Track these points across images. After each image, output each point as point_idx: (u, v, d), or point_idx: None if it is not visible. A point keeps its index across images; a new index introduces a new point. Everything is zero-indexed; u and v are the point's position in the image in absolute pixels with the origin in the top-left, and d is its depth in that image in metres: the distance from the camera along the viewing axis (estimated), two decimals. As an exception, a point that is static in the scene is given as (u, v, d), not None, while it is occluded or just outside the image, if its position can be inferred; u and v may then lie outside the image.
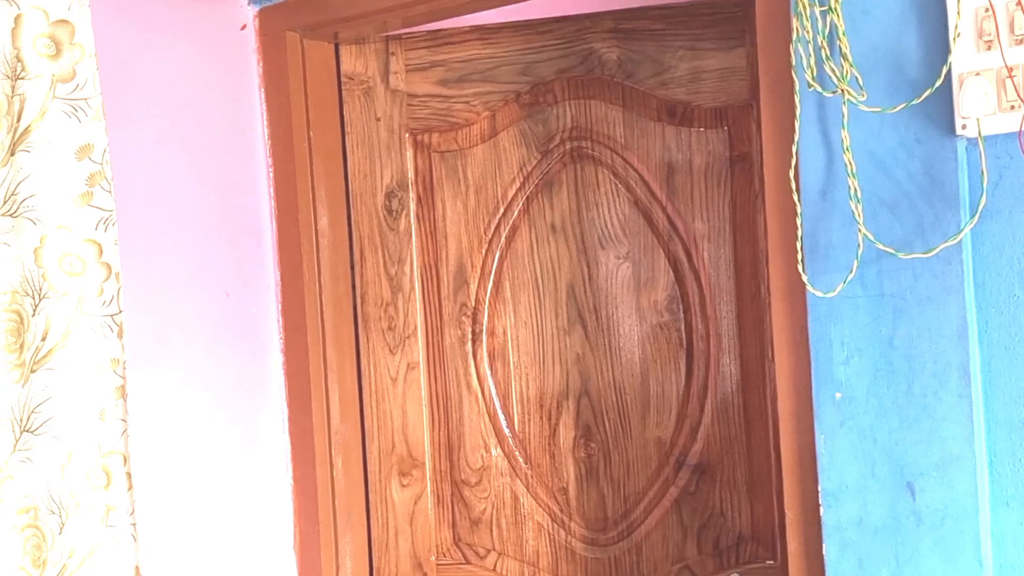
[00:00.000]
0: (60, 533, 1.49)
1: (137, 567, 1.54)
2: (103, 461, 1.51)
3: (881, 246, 1.36)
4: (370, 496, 2.04)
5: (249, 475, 1.91)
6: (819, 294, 1.41)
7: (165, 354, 1.74)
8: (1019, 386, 1.35)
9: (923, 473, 1.38)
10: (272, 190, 1.98)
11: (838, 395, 1.44)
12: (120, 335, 1.52)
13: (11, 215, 1.46)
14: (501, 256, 2.00)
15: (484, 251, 2.00)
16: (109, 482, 1.52)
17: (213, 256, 1.87)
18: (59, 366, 1.48)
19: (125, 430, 1.53)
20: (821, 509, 1.45)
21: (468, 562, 2.02)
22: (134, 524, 1.54)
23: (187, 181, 1.83)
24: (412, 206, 2.03)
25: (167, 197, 1.79)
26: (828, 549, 1.44)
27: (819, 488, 1.46)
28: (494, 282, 2.00)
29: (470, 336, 2.02)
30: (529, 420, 1.99)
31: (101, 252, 1.50)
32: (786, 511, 1.52)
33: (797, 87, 1.41)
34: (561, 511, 1.97)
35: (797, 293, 1.48)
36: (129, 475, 1.54)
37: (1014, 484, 1.36)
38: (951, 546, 1.37)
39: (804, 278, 1.41)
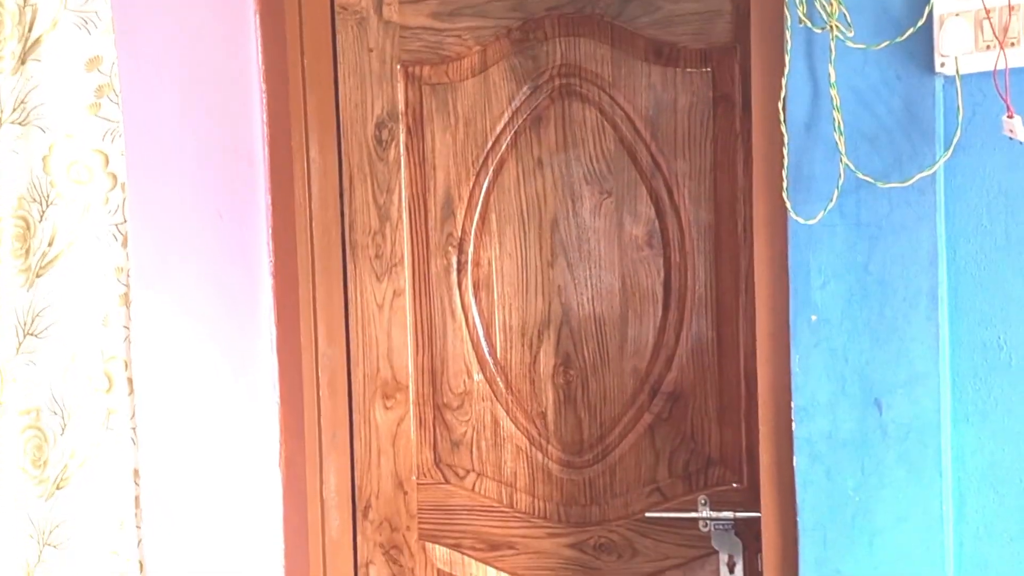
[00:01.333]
0: (62, 434, 1.52)
1: (136, 470, 1.58)
2: (105, 366, 1.55)
3: (861, 175, 1.45)
4: (354, 418, 2.10)
5: (237, 394, 1.96)
6: (801, 221, 1.49)
7: (159, 272, 1.77)
8: (983, 310, 1.46)
9: (890, 390, 1.48)
10: (265, 116, 2.01)
11: (814, 317, 1.53)
12: (124, 244, 1.55)
13: (20, 123, 1.48)
14: (488, 189, 2.05)
15: (471, 183, 2.05)
16: (111, 386, 1.56)
17: (207, 177, 1.90)
18: (64, 272, 1.51)
19: (127, 336, 1.57)
20: (793, 424, 1.55)
21: (448, 482, 2.09)
22: (134, 428, 1.58)
23: (182, 102, 1.85)
24: (402, 137, 2.07)
25: (163, 116, 1.81)
26: (798, 461, 1.54)
27: (792, 405, 1.55)
28: (480, 214, 2.06)
29: (455, 266, 2.07)
30: (511, 348, 2.06)
31: (107, 162, 1.53)
32: (760, 426, 1.61)
33: (788, 23, 1.48)
34: (539, 435, 2.05)
35: (779, 222, 1.57)
36: (130, 380, 1.58)
37: (974, 401, 1.47)
38: (914, 458, 1.47)
39: (788, 205, 1.49)
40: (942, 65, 1.41)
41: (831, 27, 1.44)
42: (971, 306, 1.46)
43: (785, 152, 1.49)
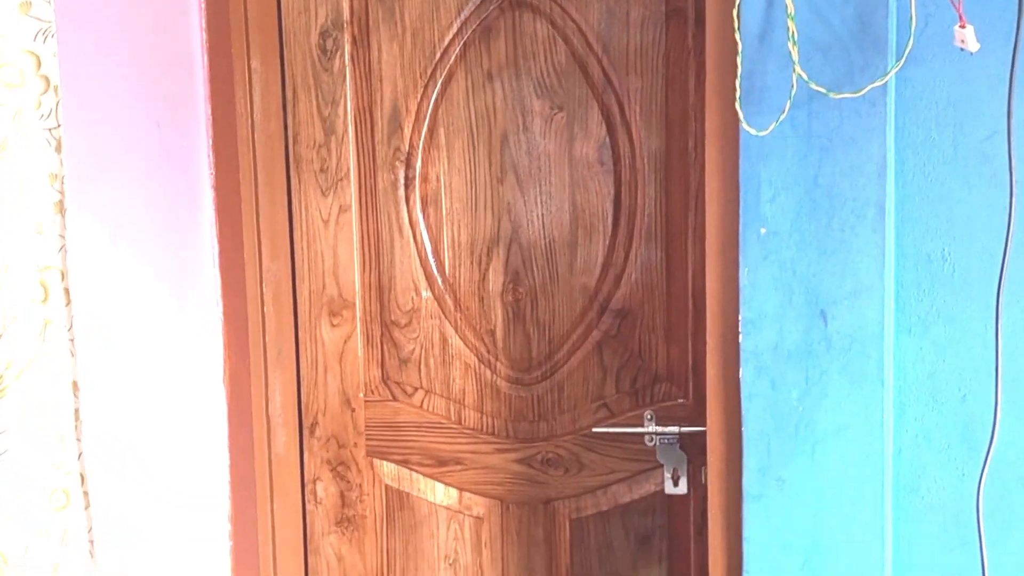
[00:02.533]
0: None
1: (75, 382, 1.55)
2: (40, 275, 1.51)
3: (814, 86, 1.44)
4: (300, 335, 2.07)
5: (178, 308, 1.91)
6: (753, 132, 1.48)
7: (95, 180, 1.70)
8: (928, 222, 1.47)
9: (836, 302, 1.50)
10: (204, 23, 1.93)
11: (763, 230, 1.53)
12: (58, 149, 1.50)
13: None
14: (436, 102, 2.01)
15: (419, 96, 2.01)
16: (46, 296, 1.51)
17: (144, 85, 1.82)
18: (-7, 177, 1.45)
19: (63, 246, 1.53)
20: (740, 336, 1.56)
21: (396, 399, 2.09)
22: (72, 340, 1.55)
23: (119, 4, 1.77)
24: (347, 47, 2.01)
25: (98, 19, 1.73)
26: (744, 373, 1.56)
27: (739, 318, 1.56)
28: (428, 128, 2.02)
29: (403, 181, 2.04)
30: (460, 265, 2.04)
31: (40, 64, 1.47)
32: (708, 340, 1.62)
33: (744, -71, 1.46)
34: (488, 352, 2.05)
35: (730, 134, 1.56)
36: (67, 291, 1.53)
37: (917, 313, 1.49)
38: (857, 368, 1.50)
39: (740, 116, 1.48)
40: (897, -26, 1.40)
41: (788, -67, 1.41)
42: (917, 218, 1.48)
43: (738, 62, 1.48)
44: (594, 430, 2.01)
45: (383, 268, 2.06)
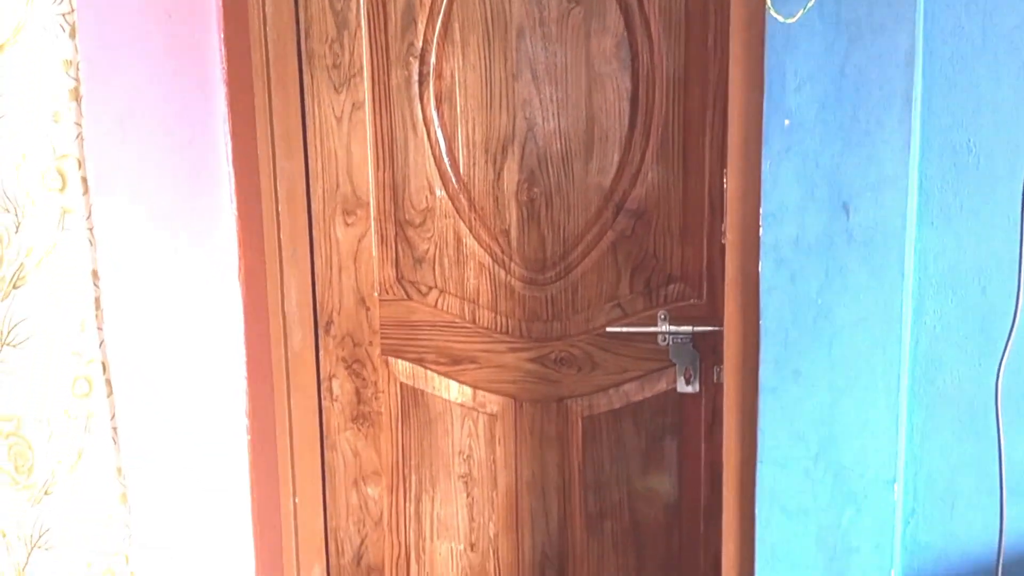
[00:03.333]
0: (16, 233, 1.48)
1: (95, 271, 1.55)
2: (58, 164, 1.49)
3: (845, -30, 1.41)
4: (314, 233, 2.07)
5: (192, 204, 1.90)
6: (780, 19, 1.46)
7: (109, 68, 1.68)
8: (955, 113, 1.46)
9: (858, 194, 1.49)
10: (212, -90, 1.88)
11: (787, 122, 1.51)
12: (72, 35, 1.47)
13: None
14: (451, -5, 1.97)
15: (434, -11, 1.97)
16: (64, 185, 1.50)
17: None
18: (9, 64, 1.43)
19: (80, 133, 1.51)
20: (761, 230, 1.55)
21: (410, 298, 2.09)
22: (91, 229, 1.54)
23: None
24: (360, -62, 1.96)
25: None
26: (764, 266, 1.56)
27: (760, 211, 1.55)
28: (443, 22, 1.98)
29: (417, 77, 2.01)
30: (474, 164, 2.02)
31: (49, -57, 1.43)
32: (727, 234, 1.62)
33: None
34: (502, 252, 2.05)
35: (756, 23, 1.53)
36: (84, 180, 1.52)
37: (939, 204, 1.48)
38: (878, 261, 1.49)
39: (767, 2, 1.45)
40: None
41: None
42: (943, 108, 1.46)
43: (768, -54, 1.44)
44: (607, 330, 2.03)
45: (397, 167, 2.04)
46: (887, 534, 1.53)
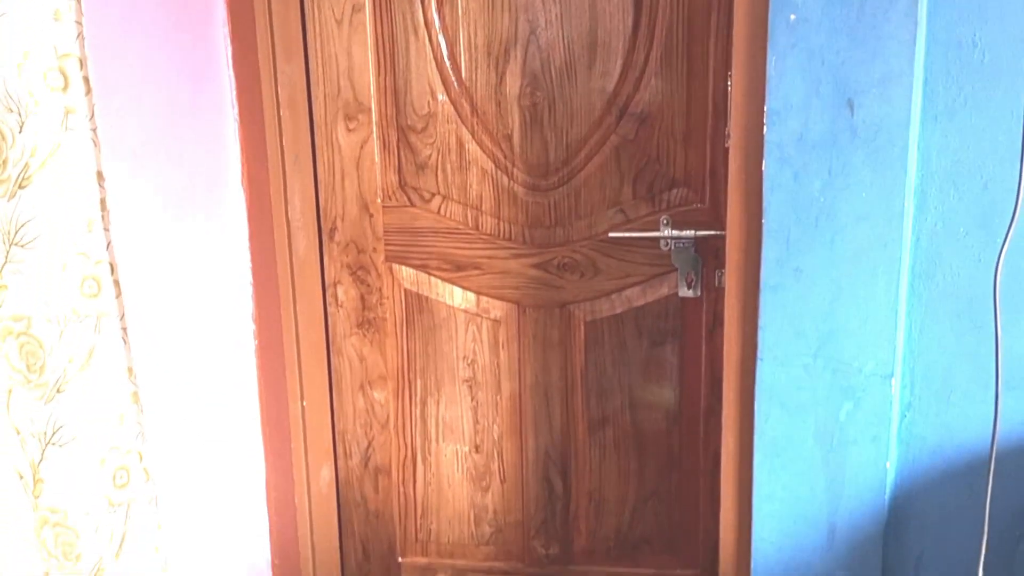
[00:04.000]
0: (20, 132, 1.47)
1: (99, 172, 1.55)
2: (60, 63, 1.48)
3: None
4: (316, 139, 2.06)
5: (193, 107, 1.89)
6: (787, -90, 1.44)
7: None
8: (960, 8, 1.45)
9: (863, 90, 1.49)
10: None
11: (792, 17, 1.50)
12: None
13: None
14: None
15: None
16: (67, 84, 1.49)
17: None
18: None
19: (81, 32, 1.49)
20: (765, 128, 1.55)
21: (413, 205, 2.10)
22: (94, 129, 1.53)
23: None
24: None
25: None
26: (767, 164, 1.56)
27: (765, 109, 1.55)
28: (444, -78, 1.95)
29: (418, -21, 1.98)
30: (476, 68, 2.01)
31: None
32: (731, 133, 1.62)
33: None
34: (505, 157, 2.05)
35: (762, -84, 1.51)
36: (86, 79, 1.51)
37: (944, 100, 1.48)
38: (881, 157, 1.50)
39: None
40: None
41: None
42: (949, 3, 1.45)
43: None
44: (610, 235, 2.03)
45: (398, 71, 2.03)
46: (884, 427, 1.56)
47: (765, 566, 1.65)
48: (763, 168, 1.56)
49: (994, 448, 1.31)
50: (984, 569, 1.30)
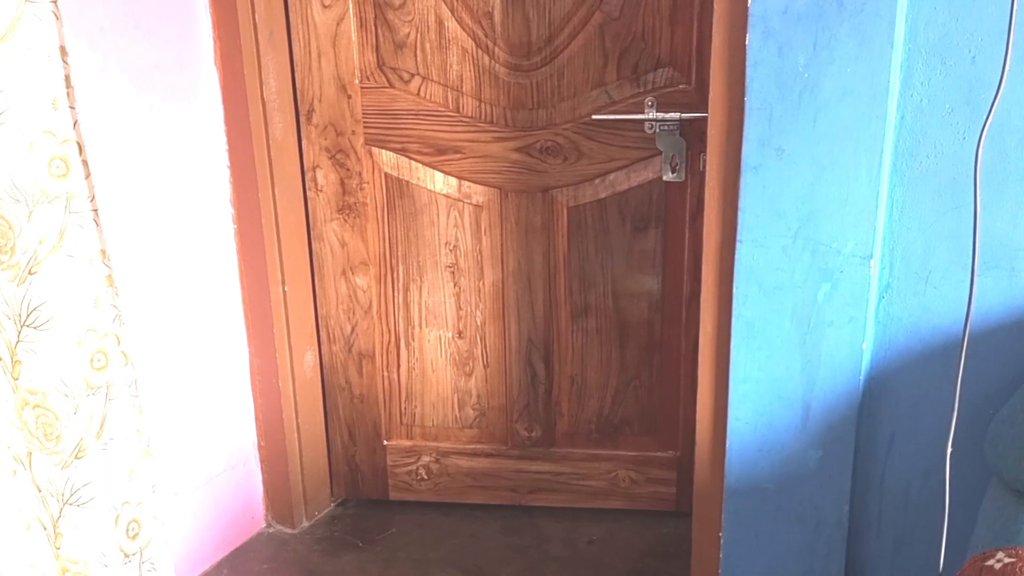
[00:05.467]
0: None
1: (63, 47, 1.50)
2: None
3: None
4: (290, 16, 2.00)
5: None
6: None
7: None
8: None
9: (852, -41, 1.42)
10: None
11: None
12: None
13: None
14: None
15: None
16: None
17: None
18: None
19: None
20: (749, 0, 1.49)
21: (392, 86, 2.05)
22: (55, 1, 1.48)
23: None
24: None
25: None
26: (751, 38, 1.50)
27: (749, -17, 1.49)
28: None
29: None
30: (455, -60, 1.93)
31: None
32: (715, 4, 1.56)
33: None
34: (486, 36, 1.99)
35: None
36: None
37: (935, -32, 1.42)
38: (867, 30, 1.44)
39: None
40: None
41: None
42: None
43: None
44: (594, 117, 1.99)
45: (375, -56, 1.95)
46: (861, 308, 1.55)
47: (740, 446, 1.66)
48: (747, 42, 1.51)
49: (967, 328, 1.30)
50: (952, 449, 1.31)
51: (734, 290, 1.62)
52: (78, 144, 1.54)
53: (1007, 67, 1.26)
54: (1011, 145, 1.45)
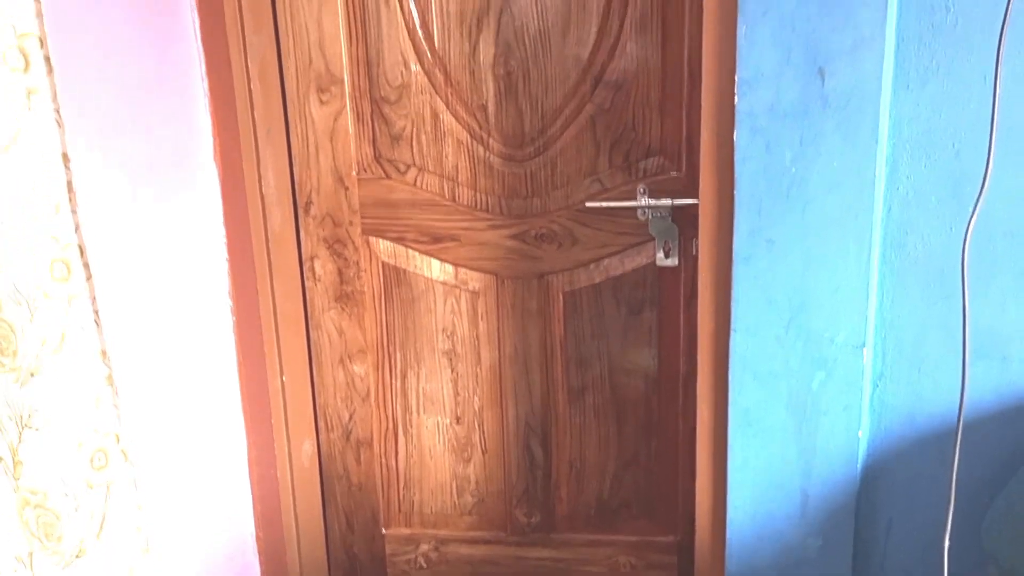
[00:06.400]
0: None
1: (65, 154, 1.54)
2: (19, 42, 1.46)
3: None
4: (288, 112, 2.04)
5: (160, 81, 1.86)
6: None
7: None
8: (933, -29, 1.42)
9: (835, 58, 1.47)
10: None
11: (763, -16, 1.48)
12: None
13: None
14: None
15: None
16: (27, 65, 1.47)
17: None
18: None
19: (39, 11, 1.47)
20: (736, 98, 1.54)
21: (389, 177, 2.08)
22: (57, 110, 1.52)
23: None
24: None
25: None
26: (739, 135, 1.55)
27: (736, 78, 1.53)
28: None
29: (388, -53, 1.95)
30: (449, 37, 1.98)
31: None
32: (703, 103, 1.60)
33: None
34: (480, 128, 2.03)
35: None
36: (48, 59, 1.49)
37: (916, 67, 1.46)
38: (852, 125, 1.49)
39: None
40: None
41: None
42: (922, -33, 1.43)
43: None
44: (587, 205, 2.02)
45: (370, 41, 2.00)
46: (856, 397, 1.57)
47: (740, 534, 1.66)
48: (735, 138, 1.55)
49: (961, 417, 1.31)
50: (951, 536, 1.32)
51: (730, 378, 1.64)
52: (79, 247, 1.57)
53: (991, 162, 1.30)
54: (997, 236, 1.48)
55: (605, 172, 2.02)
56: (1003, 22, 1.32)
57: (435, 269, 2.13)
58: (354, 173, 2.08)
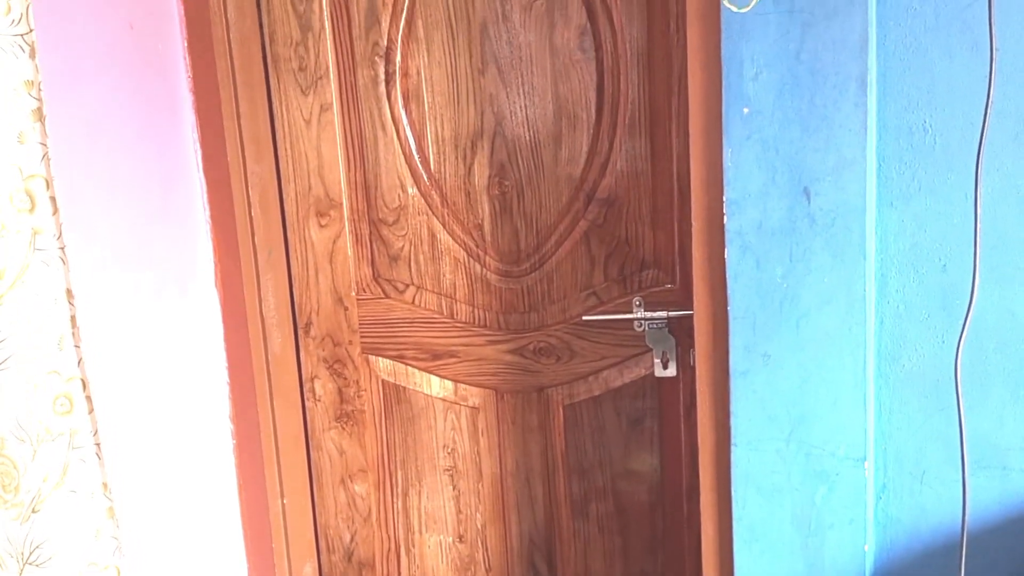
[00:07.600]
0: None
1: (69, 290, 1.56)
2: (25, 184, 1.50)
3: (795, -41, 1.42)
4: (288, 236, 2.08)
5: (164, 211, 1.91)
6: (734, 10, 1.47)
7: (72, 86, 1.68)
8: (910, 94, 1.48)
9: (819, 178, 1.51)
10: (170, -82, 1.88)
11: (746, 110, 1.53)
12: (32, 55, 1.47)
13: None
14: (413, -7, 1.98)
15: (395, -12, 1.97)
16: (33, 205, 1.51)
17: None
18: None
19: (46, 154, 1.52)
20: (725, 218, 1.57)
21: (387, 296, 2.11)
22: (63, 248, 1.55)
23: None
24: (319, -60, 1.97)
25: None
26: (730, 253, 1.58)
27: (724, 199, 1.57)
28: (406, 20, 1.99)
29: (383, 77, 2.02)
30: (444, 160, 2.04)
31: (3, -35, 1.43)
32: (693, 223, 1.64)
33: None
34: (476, 246, 2.07)
35: (712, 14, 1.54)
36: (53, 199, 1.53)
37: (899, 185, 1.51)
38: (839, 243, 1.52)
39: (721, -7, 1.47)
40: None
41: None
42: (899, 90, 1.48)
43: (718, -63, 1.46)
44: (584, 318, 2.05)
45: (368, 166, 2.06)
46: (860, 510, 1.56)
47: (751, 654, 1.63)
48: (725, 256, 1.58)
49: (964, 529, 1.31)
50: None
51: (733, 493, 1.63)
52: (82, 381, 1.59)
53: (977, 277, 1.33)
54: (990, 347, 1.50)
55: (601, 285, 2.05)
56: (979, 142, 1.36)
57: (435, 385, 2.14)
58: (353, 293, 2.11)
